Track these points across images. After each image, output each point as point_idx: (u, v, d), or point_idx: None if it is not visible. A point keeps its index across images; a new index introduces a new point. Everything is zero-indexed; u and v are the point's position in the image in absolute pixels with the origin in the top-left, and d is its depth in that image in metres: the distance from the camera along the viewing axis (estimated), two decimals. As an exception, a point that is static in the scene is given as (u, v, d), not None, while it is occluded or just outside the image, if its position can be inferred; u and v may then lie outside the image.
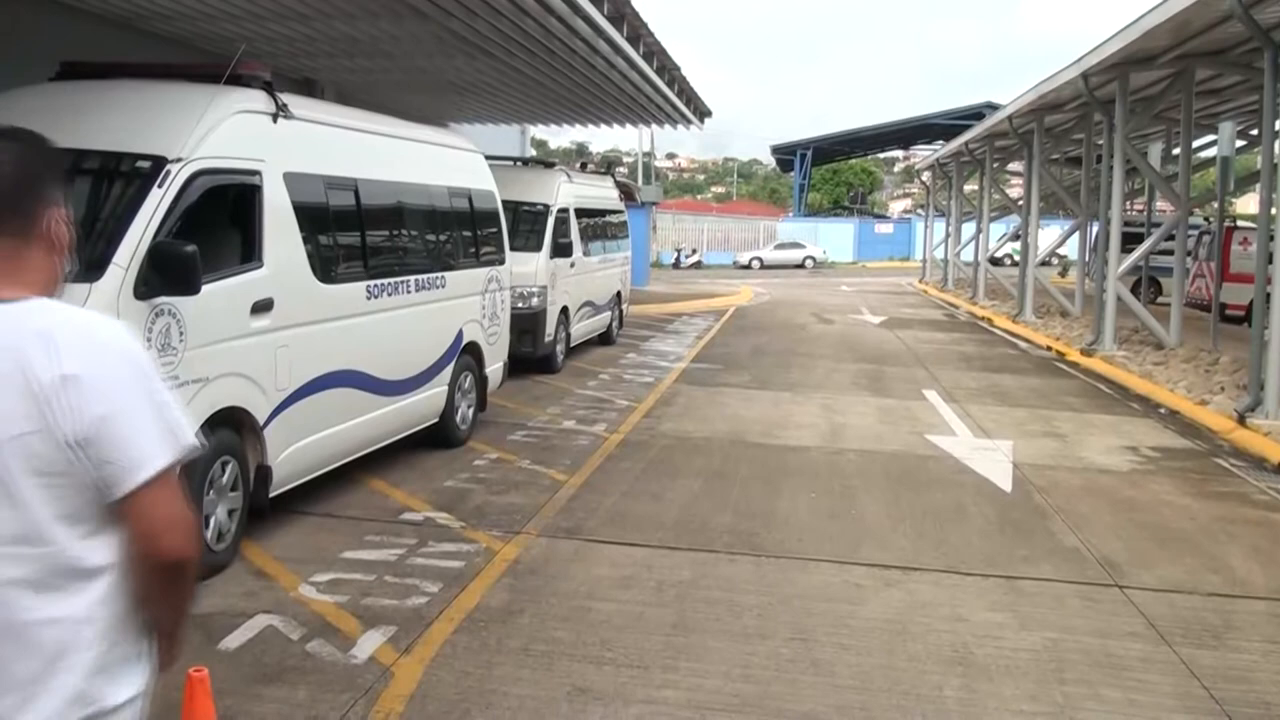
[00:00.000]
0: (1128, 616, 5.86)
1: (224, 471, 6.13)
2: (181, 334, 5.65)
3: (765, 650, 5.26)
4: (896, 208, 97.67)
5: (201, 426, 5.82)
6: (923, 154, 56.46)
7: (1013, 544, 7.15)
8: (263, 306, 6.40)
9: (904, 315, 25.70)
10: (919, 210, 68.91)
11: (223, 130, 6.22)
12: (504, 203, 11.06)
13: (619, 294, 18.39)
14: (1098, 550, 7.00)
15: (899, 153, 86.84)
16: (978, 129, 28.18)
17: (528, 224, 14.14)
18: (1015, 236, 28.88)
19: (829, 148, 70.09)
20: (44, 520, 1.89)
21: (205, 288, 5.68)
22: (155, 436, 1.97)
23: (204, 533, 5.92)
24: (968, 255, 33.83)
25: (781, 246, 55.86)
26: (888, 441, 10.38)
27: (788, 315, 25.01)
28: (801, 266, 53.25)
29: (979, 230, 30.21)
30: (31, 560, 1.89)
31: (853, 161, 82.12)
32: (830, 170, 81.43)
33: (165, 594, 2.12)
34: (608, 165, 25.53)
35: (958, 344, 19.54)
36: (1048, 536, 7.32)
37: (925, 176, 46.64)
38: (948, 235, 35.65)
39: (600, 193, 17.71)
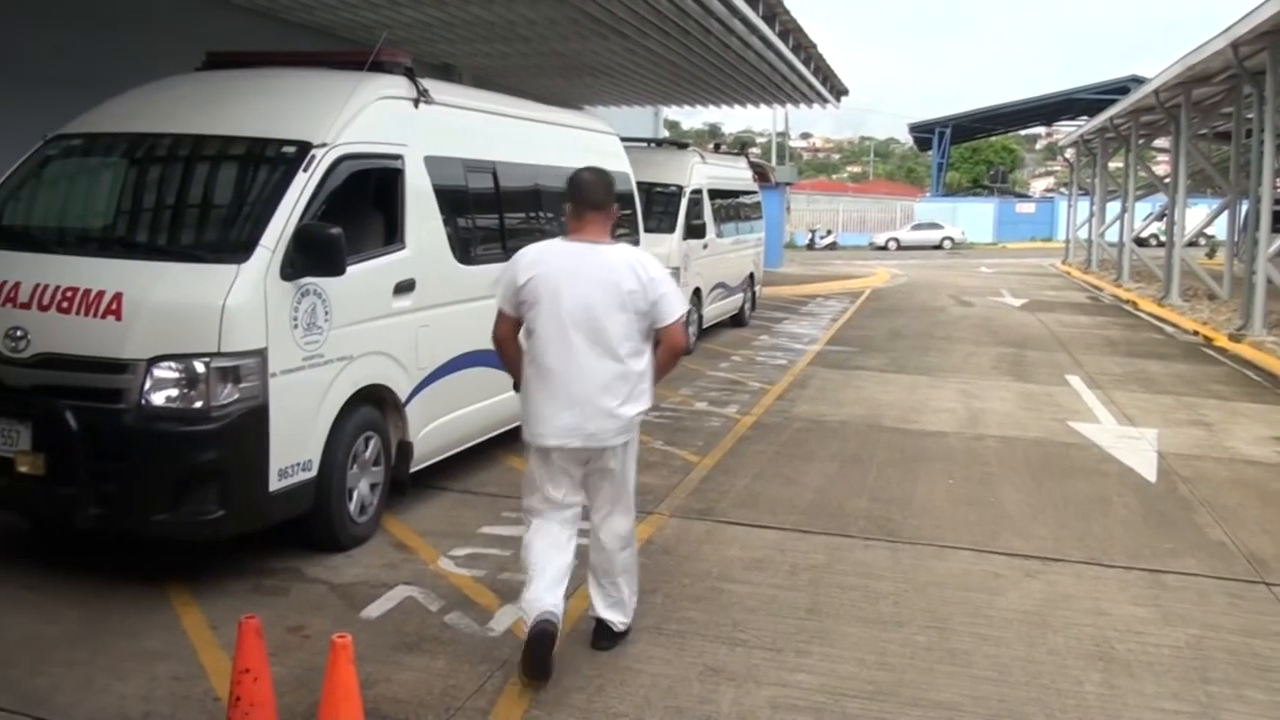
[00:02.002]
0: (1275, 615, 5.62)
1: (367, 447, 6.31)
2: (327, 313, 5.82)
3: (901, 638, 5.20)
4: (1038, 186, 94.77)
5: (345, 404, 6.02)
6: (1066, 130, 54.55)
7: (1157, 536, 6.91)
8: (405, 287, 6.56)
9: (1046, 298, 24.97)
10: (1061, 189, 66.87)
11: (366, 116, 6.37)
12: (637, 184, 11.10)
13: (752, 275, 18.29)
14: (1244, 545, 6.72)
15: (1041, 129, 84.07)
16: (1122, 104, 27.11)
17: (661, 205, 14.17)
18: (1161, 216, 27.68)
19: (968, 125, 68.30)
20: (618, 335, 4.60)
21: (350, 269, 5.84)
22: (677, 304, 4.75)
23: (348, 505, 6.12)
24: (1112, 236, 32.64)
25: (919, 227, 54.78)
26: (1029, 428, 10.12)
27: (925, 297, 24.55)
28: (939, 247, 52.15)
29: (1124, 210, 29.09)
30: (613, 359, 4.61)
31: (993, 139, 79.88)
32: (969, 148, 79.45)
33: (667, 366, 4.90)
34: (741, 146, 25.39)
35: (1101, 328, 18.92)
36: (1193, 529, 7.06)
37: (1068, 154, 45.09)
38: (1091, 215, 34.45)
39: (734, 173, 17.62)
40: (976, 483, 8.14)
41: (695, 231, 14.42)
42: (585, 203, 4.76)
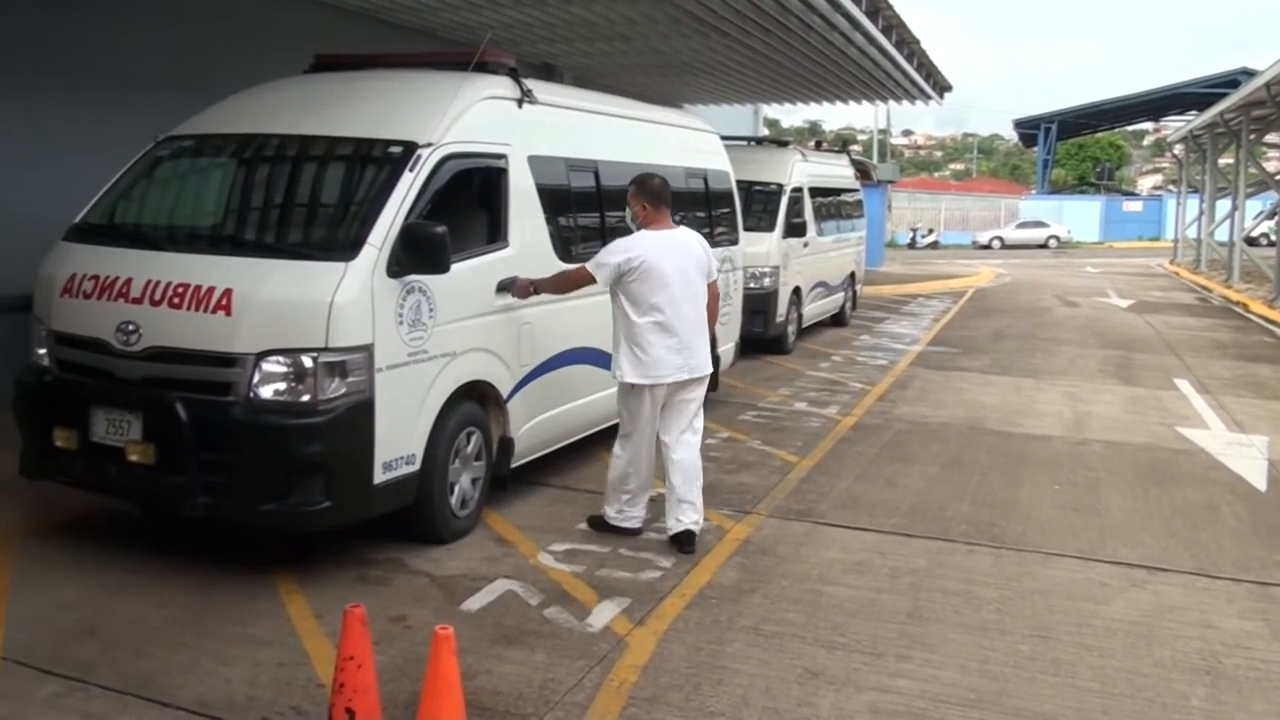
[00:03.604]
0: (1399, 632, 5.36)
1: (469, 442, 6.38)
2: (431, 310, 5.89)
3: (1004, 646, 5.08)
4: (1145, 184, 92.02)
5: (448, 399, 6.09)
6: (1174, 126, 52.84)
7: (1268, 548, 6.66)
8: (508, 285, 6.61)
9: (1153, 299, 24.25)
10: (1170, 187, 64.75)
11: (470, 116, 6.43)
12: (737, 182, 11.04)
13: (853, 274, 18.08)
14: (1363, 559, 6.43)
15: (1148, 125, 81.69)
16: (1232, 98, 26.11)
17: (761, 204, 14.07)
18: (1272, 214, 26.67)
19: (1074, 121, 66.56)
20: (700, 292, 6.38)
21: (454, 267, 5.89)
22: (716, 265, 6.63)
23: (449, 499, 6.19)
24: (1221, 235, 31.54)
25: (1023, 225, 53.59)
26: (1135, 433, 9.85)
27: (1030, 298, 24.03)
28: (1044, 246, 50.97)
29: (1234, 208, 28.04)
30: (699, 311, 6.37)
31: (1099, 135, 77.67)
32: (1075, 145, 77.37)
33: (716, 310, 6.73)
34: (842, 144, 25.14)
35: (1211, 330, 18.32)
36: (1307, 541, 6.78)
37: (1176, 150, 43.57)
38: (1200, 213, 33.32)
39: (835, 171, 17.44)
40: (1082, 488, 7.94)
41: (795, 230, 14.30)
42: (660, 200, 6.33)
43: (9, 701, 4.26)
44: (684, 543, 6.25)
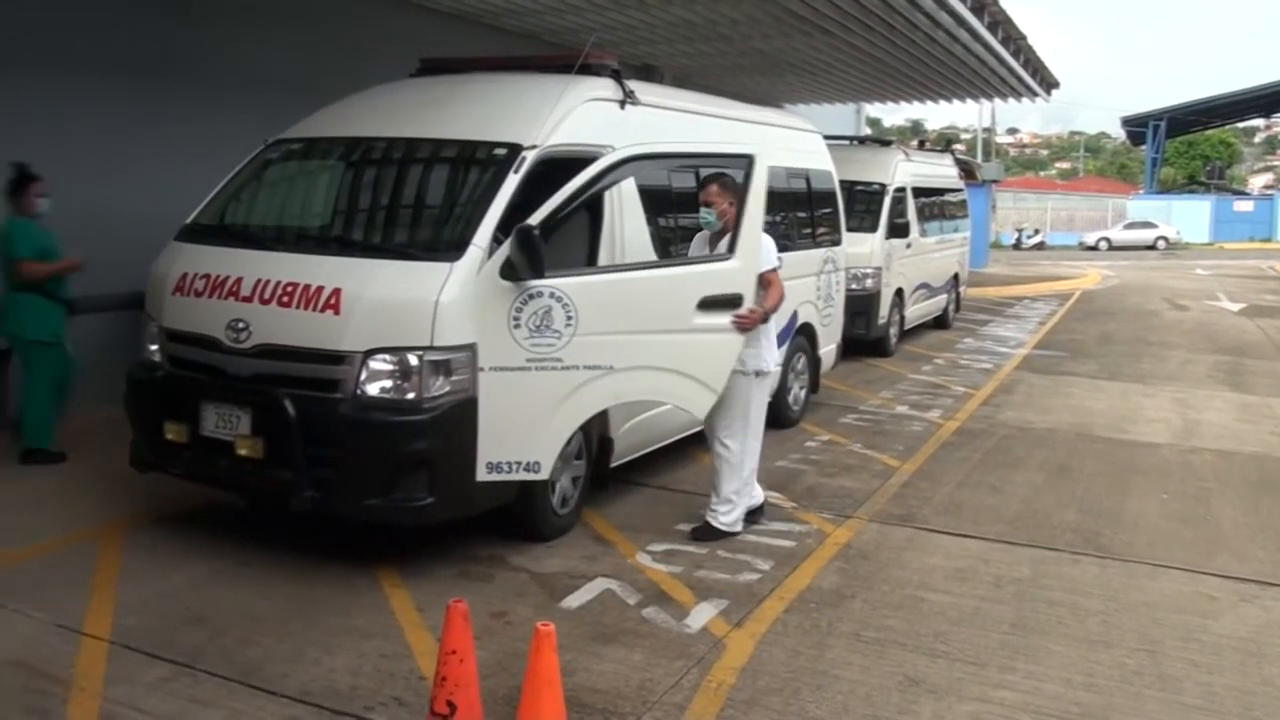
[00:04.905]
0: None
1: (569, 442, 6.40)
2: (569, 319, 5.67)
3: (1109, 659, 4.95)
4: (1256, 183, 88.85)
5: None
6: (1287, 121, 50.88)
7: (1389, 563, 6.38)
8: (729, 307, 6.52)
9: (1265, 302, 23.41)
10: (1282, 185, 62.46)
11: (574, 118, 6.46)
12: (839, 182, 10.93)
13: (956, 276, 17.79)
14: None
15: (1259, 121, 78.79)
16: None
17: (863, 204, 13.91)
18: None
19: (1183, 118, 64.56)
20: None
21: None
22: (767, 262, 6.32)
23: (550, 498, 6.23)
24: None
25: (1131, 226, 52.13)
26: (1247, 442, 9.53)
27: (1138, 300, 23.39)
28: (1153, 248, 49.54)
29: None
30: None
31: (1209, 132, 75.17)
32: (1184, 142, 75.01)
33: (774, 303, 6.37)
34: (946, 143, 24.76)
35: (1326, 335, 17.62)
36: None
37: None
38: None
39: (938, 171, 17.17)
40: (1191, 498, 7.70)
41: (898, 231, 14.12)
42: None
43: (119, 684, 4.40)
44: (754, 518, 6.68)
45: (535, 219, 5.52)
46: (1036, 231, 51.88)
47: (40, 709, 4.20)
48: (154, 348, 6.21)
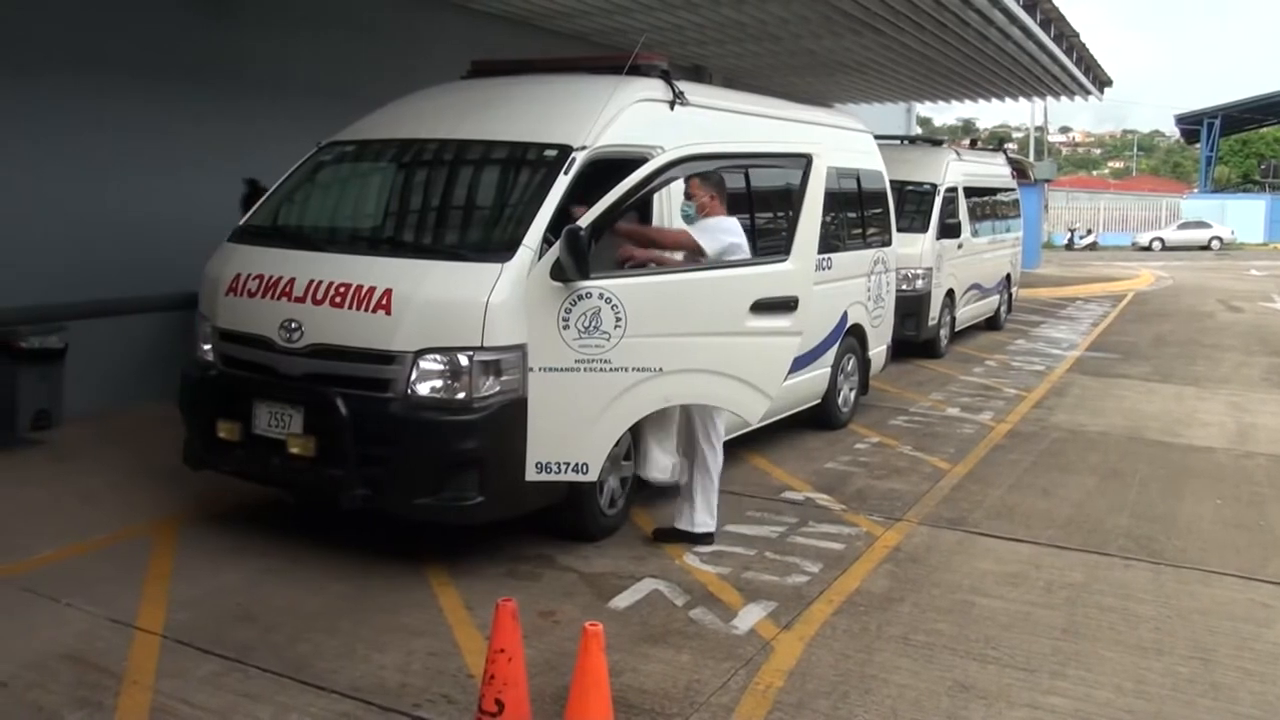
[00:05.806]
0: None
1: (618, 443, 6.40)
2: (619, 320, 5.65)
3: (1161, 667, 4.88)
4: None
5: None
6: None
7: None
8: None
9: (1323, 305, 22.97)
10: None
11: (624, 118, 6.46)
12: (890, 182, 10.86)
13: (1008, 277, 17.61)
14: None
15: (1316, 119, 76.90)
16: None
17: (913, 204, 13.80)
18: None
19: (1238, 115, 63.35)
20: None
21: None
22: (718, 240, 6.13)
23: (598, 498, 6.25)
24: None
25: (1185, 226, 51.26)
26: (1303, 447, 9.34)
27: (1192, 301, 23.02)
28: (1207, 248, 48.69)
29: None
30: None
31: (1264, 130, 73.63)
32: (1239, 140, 73.54)
33: (643, 255, 6.04)
34: (998, 142, 24.53)
35: (1384, 337, 17.22)
36: None
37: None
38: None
39: (990, 170, 17.00)
40: (1245, 504, 7.57)
41: (949, 231, 13.99)
42: (722, 191, 6.41)
43: (171, 679, 4.47)
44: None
45: (584, 220, 5.51)
46: (1089, 231, 51.20)
47: (93, 701, 4.27)
48: (207, 347, 6.30)
